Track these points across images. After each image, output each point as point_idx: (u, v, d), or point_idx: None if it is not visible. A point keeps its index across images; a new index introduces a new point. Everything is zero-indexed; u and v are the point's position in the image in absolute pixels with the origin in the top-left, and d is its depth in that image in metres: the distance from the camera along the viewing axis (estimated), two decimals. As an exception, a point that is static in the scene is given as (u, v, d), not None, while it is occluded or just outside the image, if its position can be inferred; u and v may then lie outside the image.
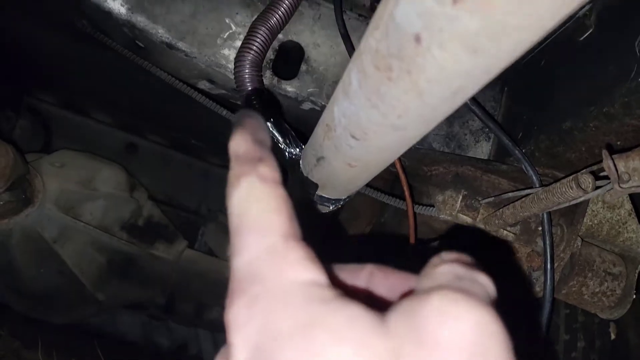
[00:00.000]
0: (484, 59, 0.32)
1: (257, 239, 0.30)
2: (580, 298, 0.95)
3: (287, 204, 0.33)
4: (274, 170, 0.34)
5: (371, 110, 0.44)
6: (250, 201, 0.32)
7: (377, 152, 0.51)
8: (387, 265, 0.38)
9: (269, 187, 0.33)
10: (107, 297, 1.53)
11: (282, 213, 0.32)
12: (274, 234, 0.30)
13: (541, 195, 0.74)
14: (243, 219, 0.31)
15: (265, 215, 0.31)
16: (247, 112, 0.43)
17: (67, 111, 1.88)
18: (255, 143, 0.37)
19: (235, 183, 0.33)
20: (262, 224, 0.31)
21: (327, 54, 0.93)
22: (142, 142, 1.86)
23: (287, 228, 0.31)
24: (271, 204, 0.32)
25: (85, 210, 1.45)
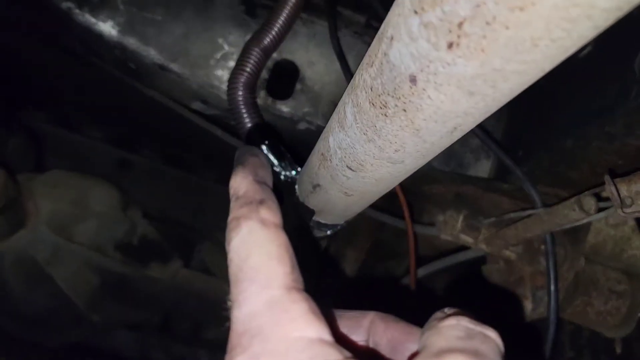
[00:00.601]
0: (481, 100, 0.31)
1: (258, 290, 0.29)
2: (585, 317, 0.93)
3: (289, 251, 0.31)
4: (276, 214, 0.33)
5: (367, 144, 0.42)
6: (251, 247, 0.30)
7: (374, 183, 0.49)
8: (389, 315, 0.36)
9: (270, 233, 0.31)
10: (101, 319, 1.51)
11: (284, 261, 0.30)
12: (275, 285, 0.29)
13: (543, 217, 0.72)
14: (243, 267, 0.30)
15: (267, 264, 0.30)
16: (249, 149, 0.42)
17: (60, 128, 1.86)
18: (257, 183, 0.36)
19: (236, 226, 0.32)
20: (263, 274, 0.29)
21: (323, 73, 0.92)
22: (136, 158, 1.84)
23: (290, 278, 0.29)
24: (273, 251, 0.30)
25: (78, 230, 1.43)
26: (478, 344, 0.26)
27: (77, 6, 0.88)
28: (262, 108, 0.88)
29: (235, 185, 0.36)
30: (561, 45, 0.25)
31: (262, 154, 0.41)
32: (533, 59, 0.26)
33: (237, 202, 0.34)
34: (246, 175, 0.36)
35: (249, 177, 0.36)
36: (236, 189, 0.35)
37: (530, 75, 0.28)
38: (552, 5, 0.22)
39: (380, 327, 0.36)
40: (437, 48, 0.28)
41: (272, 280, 0.29)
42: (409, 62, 0.30)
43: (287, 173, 0.78)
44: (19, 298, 1.39)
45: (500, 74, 0.27)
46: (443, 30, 0.27)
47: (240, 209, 0.33)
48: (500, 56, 0.26)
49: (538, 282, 0.95)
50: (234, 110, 0.80)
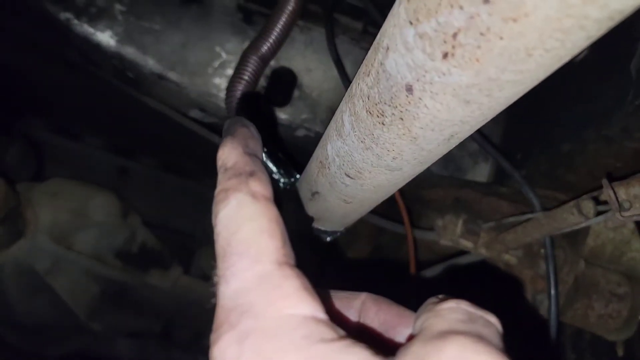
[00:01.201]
0: (477, 108, 0.31)
1: (248, 265, 0.27)
2: (586, 321, 0.93)
3: (281, 225, 0.30)
4: (266, 187, 0.31)
5: (365, 152, 0.42)
6: (240, 220, 0.28)
7: (372, 190, 0.49)
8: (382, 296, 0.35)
9: (261, 205, 0.29)
10: (102, 327, 1.50)
11: (276, 235, 0.28)
12: (266, 259, 0.27)
13: (542, 221, 0.72)
14: (232, 241, 0.28)
15: (257, 238, 0.28)
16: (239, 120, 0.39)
17: (59, 137, 1.87)
18: (246, 155, 0.33)
19: (224, 199, 0.30)
20: (253, 248, 0.27)
21: (320, 79, 0.92)
22: (135, 166, 1.84)
23: (281, 253, 0.28)
24: (263, 224, 0.28)
25: (78, 239, 1.43)
26: (480, 327, 0.25)
27: (75, 16, 0.88)
28: (261, 115, 0.88)
29: (224, 157, 0.33)
30: (555, 54, 0.25)
31: (252, 125, 0.38)
32: (527, 69, 0.26)
33: (225, 173, 0.32)
34: (235, 146, 0.33)
35: (239, 148, 0.33)
36: (224, 160, 0.33)
37: (525, 84, 0.28)
38: (545, 16, 0.22)
39: (373, 309, 0.35)
40: (433, 58, 0.28)
41: (263, 254, 0.27)
42: (405, 72, 0.31)
43: (286, 180, 0.78)
44: (19, 308, 1.38)
45: (496, 84, 0.28)
46: (438, 40, 0.27)
47: (228, 180, 0.31)
48: (495, 66, 0.26)
49: (538, 286, 0.95)
50: (229, 111, 0.80)
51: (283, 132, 0.91)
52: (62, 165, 1.85)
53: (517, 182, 0.82)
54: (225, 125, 0.38)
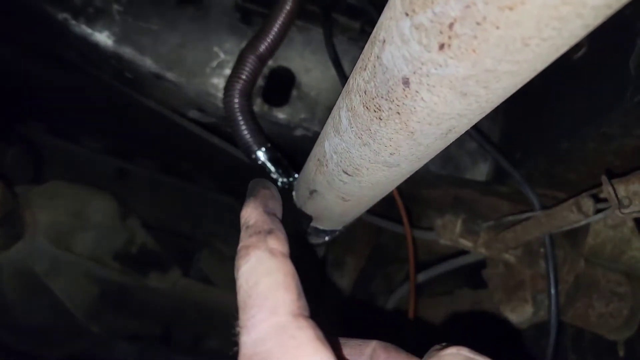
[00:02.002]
0: (474, 101, 0.31)
1: (266, 316, 0.30)
2: (586, 320, 0.92)
3: (296, 280, 0.33)
4: (284, 244, 0.35)
5: (363, 148, 0.42)
6: (259, 275, 0.32)
7: (370, 187, 0.49)
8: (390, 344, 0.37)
9: (278, 262, 0.33)
10: (101, 330, 1.50)
11: (291, 289, 0.31)
12: (283, 311, 0.30)
13: (542, 219, 0.72)
14: (252, 293, 0.31)
15: (274, 291, 0.31)
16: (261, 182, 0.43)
17: (58, 138, 1.86)
18: (266, 214, 0.37)
19: (245, 255, 0.33)
20: (271, 301, 0.30)
21: (319, 79, 0.92)
22: (134, 168, 1.84)
23: (296, 306, 0.31)
24: (280, 279, 0.32)
25: (77, 241, 1.42)
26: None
27: (73, 17, 0.88)
28: (259, 115, 0.88)
29: (246, 215, 0.37)
30: (552, 44, 0.25)
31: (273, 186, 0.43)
32: (525, 59, 0.26)
33: (246, 231, 0.35)
34: (257, 206, 0.37)
35: (259, 207, 0.37)
36: (247, 218, 0.37)
37: (523, 75, 0.28)
38: (542, 4, 0.22)
39: (382, 356, 0.36)
40: (429, 49, 0.28)
41: (280, 307, 0.30)
42: (401, 65, 0.30)
43: (284, 179, 0.78)
44: (18, 310, 1.38)
45: (493, 75, 0.27)
46: (434, 31, 0.27)
47: (249, 238, 0.34)
48: (491, 56, 0.26)
49: (538, 285, 0.95)
50: (230, 117, 0.80)
51: (281, 131, 0.91)
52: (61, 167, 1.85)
53: (516, 181, 0.82)
54: (249, 186, 0.42)
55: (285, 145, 0.89)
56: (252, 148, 0.78)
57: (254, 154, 0.78)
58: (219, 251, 1.83)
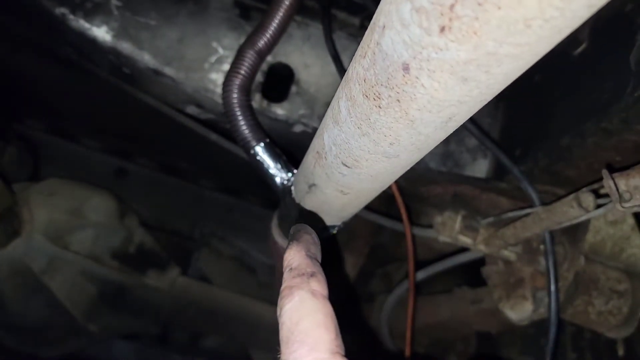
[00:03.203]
0: (475, 87, 0.30)
1: (307, 352, 0.33)
2: (586, 318, 0.92)
3: (334, 320, 0.36)
4: (324, 287, 0.38)
5: (362, 138, 0.41)
6: (301, 314, 0.35)
7: (369, 179, 0.49)
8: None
9: (319, 303, 0.36)
10: (99, 329, 1.49)
11: (330, 329, 0.35)
12: (322, 349, 0.33)
13: (542, 215, 0.71)
14: (294, 330, 0.35)
15: (315, 330, 0.34)
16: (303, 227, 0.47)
17: (56, 137, 1.86)
18: (308, 258, 0.40)
19: (288, 294, 0.37)
20: (312, 338, 0.34)
21: (318, 75, 0.92)
22: (132, 167, 1.84)
23: (335, 344, 0.34)
24: (320, 319, 0.35)
25: (75, 239, 1.42)
26: None
27: (71, 12, 0.88)
28: (257, 111, 0.88)
29: (289, 258, 0.40)
30: (554, 25, 0.24)
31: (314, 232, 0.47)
32: (527, 41, 0.25)
33: (290, 273, 0.39)
34: (299, 250, 0.41)
35: (302, 251, 0.41)
36: (290, 261, 0.40)
37: (524, 59, 0.28)
38: (545, -19, 0.22)
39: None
40: (429, 33, 0.27)
41: (320, 344, 0.34)
42: (401, 50, 0.30)
43: (283, 175, 0.77)
44: (14, 308, 1.37)
45: (494, 58, 0.27)
46: (435, 13, 0.26)
47: (293, 279, 0.38)
48: (493, 39, 0.25)
49: (538, 282, 0.94)
50: (228, 113, 0.79)
51: (280, 128, 0.90)
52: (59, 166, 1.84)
53: (516, 178, 0.81)
54: (291, 231, 0.46)
55: (284, 142, 0.88)
56: (251, 143, 0.78)
57: (252, 149, 0.78)
58: (217, 250, 1.82)
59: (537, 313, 0.91)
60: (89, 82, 1.39)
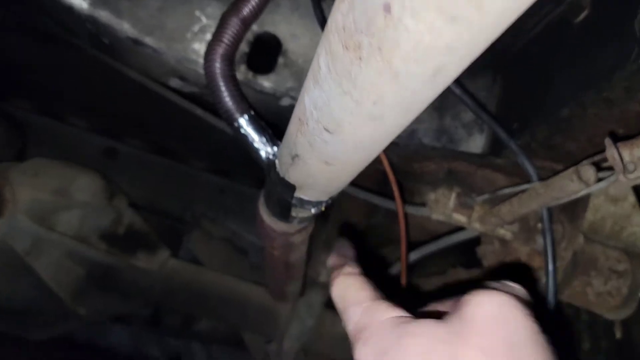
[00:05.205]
0: (465, 28, 0.26)
1: (357, 308, 0.46)
2: (584, 299, 0.89)
3: (369, 283, 0.50)
4: (355, 268, 0.54)
5: (343, 98, 0.37)
6: (344, 288, 0.50)
7: (354, 147, 0.45)
8: None
9: (353, 277, 0.51)
10: (87, 311, 1.46)
11: (367, 288, 0.49)
12: (366, 301, 0.46)
13: (539, 190, 0.68)
14: (345, 300, 0.48)
15: (357, 293, 0.48)
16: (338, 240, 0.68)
17: (44, 117, 1.81)
18: (339, 256, 0.59)
19: (333, 282, 0.52)
20: (356, 299, 0.47)
21: (307, 46, 0.87)
22: (121, 147, 1.79)
23: (373, 295, 0.47)
24: (358, 285, 0.49)
25: (61, 220, 1.38)
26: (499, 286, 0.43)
27: (44, -23, 0.83)
28: (242, 83, 0.83)
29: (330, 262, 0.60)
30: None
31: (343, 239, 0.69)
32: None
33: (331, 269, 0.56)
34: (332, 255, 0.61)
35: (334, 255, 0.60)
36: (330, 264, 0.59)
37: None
38: None
39: None
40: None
41: (363, 299, 0.47)
42: (381, -15, 0.26)
43: (268, 149, 0.73)
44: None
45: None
46: None
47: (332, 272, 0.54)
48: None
49: (535, 263, 0.91)
50: (210, 83, 0.75)
51: (267, 101, 0.86)
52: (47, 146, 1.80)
53: (513, 152, 0.78)
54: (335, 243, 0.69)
55: (270, 116, 0.84)
56: (234, 115, 0.74)
57: (235, 122, 0.74)
58: (208, 232, 1.79)
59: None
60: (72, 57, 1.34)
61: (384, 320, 0.41)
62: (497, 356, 0.34)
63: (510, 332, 0.36)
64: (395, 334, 0.39)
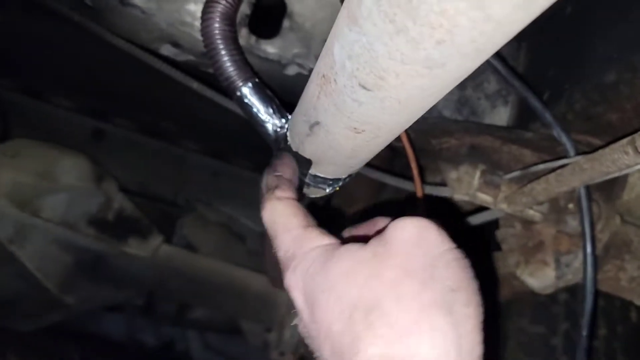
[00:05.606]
0: None
1: (287, 235, 0.46)
2: (616, 285, 0.83)
3: (301, 209, 0.49)
4: (287, 192, 0.50)
5: (395, 38, 0.29)
6: (273, 216, 0.48)
7: (395, 108, 0.37)
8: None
9: (284, 203, 0.49)
10: (76, 301, 1.38)
11: (298, 215, 0.47)
12: (296, 228, 0.46)
13: (584, 165, 0.60)
14: (275, 227, 0.47)
15: (287, 219, 0.47)
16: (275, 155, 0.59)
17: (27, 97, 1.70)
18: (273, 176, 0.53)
19: (263, 207, 0.49)
20: (286, 226, 0.47)
21: (314, 7, 0.78)
22: (110, 128, 1.69)
23: (304, 222, 0.47)
24: (289, 212, 0.48)
25: (46, 205, 1.29)
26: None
27: None
28: (244, 49, 0.74)
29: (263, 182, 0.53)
30: None
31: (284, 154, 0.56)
32: None
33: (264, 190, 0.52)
34: (268, 172, 0.54)
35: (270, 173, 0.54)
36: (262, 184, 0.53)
37: None
38: None
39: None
40: None
41: (293, 226, 0.46)
42: None
43: (276, 121, 0.65)
44: (-20, 280, 1.26)
45: None
46: None
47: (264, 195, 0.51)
48: None
49: (562, 246, 0.84)
50: (209, 47, 0.66)
51: (271, 69, 0.77)
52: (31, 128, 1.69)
53: (546, 125, 0.70)
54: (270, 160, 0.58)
55: (276, 86, 0.75)
56: (236, 83, 0.65)
57: (238, 91, 0.65)
58: (203, 217, 1.70)
59: (562, 280, 0.81)
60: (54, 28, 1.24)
61: (313, 247, 0.43)
62: (416, 272, 0.38)
63: (427, 250, 0.39)
64: (321, 260, 0.42)
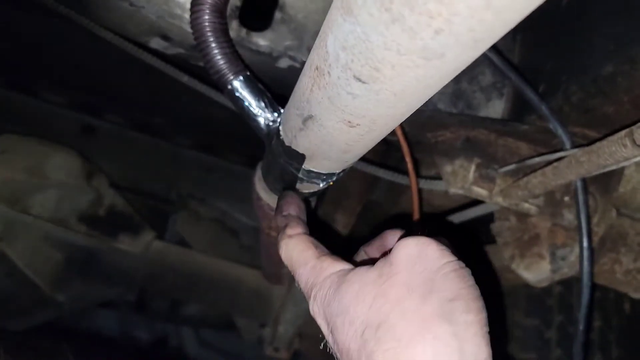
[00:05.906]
0: None
1: (304, 269, 0.50)
2: (611, 277, 0.82)
3: (312, 241, 0.53)
4: (296, 228, 0.55)
5: (391, 28, 0.28)
6: (289, 251, 0.52)
7: (391, 100, 0.35)
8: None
9: (296, 239, 0.53)
10: (68, 298, 1.37)
11: (311, 247, 0.51)
12: (311, 260, 0.50)
13: (581, 158, 0.59)
14: (291, 263, 0.52)
15: (301, 254, 0.51)
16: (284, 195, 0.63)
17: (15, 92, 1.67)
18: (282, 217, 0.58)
19: (279, 245, 0.54)
20: (302, 260, 0.51)
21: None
22: (100, 124, 1.67)
23: (317, 253, 0.50)
24: (301, 246, 0.52)
25: (35, 201, 1.27)
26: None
27: None
28: (235, 42, 0.72)
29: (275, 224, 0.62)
30: None
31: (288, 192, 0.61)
32: None
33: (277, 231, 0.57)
34: (276, 215, 0.59)
35: (278, 215, 0.58)
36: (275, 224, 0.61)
37: None
38: None
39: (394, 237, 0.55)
40: None
41: (308, 259, 0.50)
42: None
43: (268, 115, 0.64)
44: (-31, 279, 1.24)
45: None
46: None
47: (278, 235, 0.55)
48: None
49: (557, 239, 0.84)
50: (199, 39, 0.64)
51: (262, 62, 0.76)
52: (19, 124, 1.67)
53: (543, 117, 0.69)
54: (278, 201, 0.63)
55: (267, 79, 0.74)
56: (227, 77, 0.63)
57: (229, 84, 0.63)
58: (196, 213, 1.69)
59: (558, 274, 0.81)
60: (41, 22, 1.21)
61: (327, 275, 0.47)
62: (417, 287, 0.41)
63: (426, 266, 0.42)
64: (334, 287, 0.45)
